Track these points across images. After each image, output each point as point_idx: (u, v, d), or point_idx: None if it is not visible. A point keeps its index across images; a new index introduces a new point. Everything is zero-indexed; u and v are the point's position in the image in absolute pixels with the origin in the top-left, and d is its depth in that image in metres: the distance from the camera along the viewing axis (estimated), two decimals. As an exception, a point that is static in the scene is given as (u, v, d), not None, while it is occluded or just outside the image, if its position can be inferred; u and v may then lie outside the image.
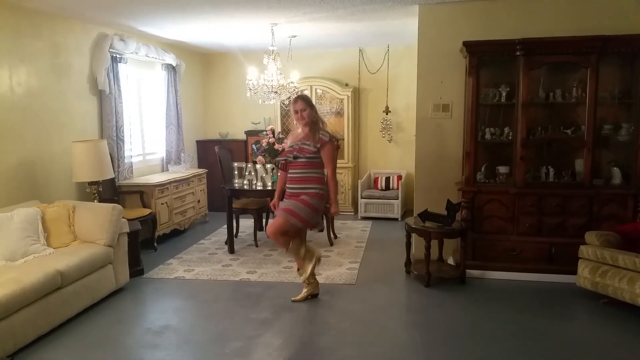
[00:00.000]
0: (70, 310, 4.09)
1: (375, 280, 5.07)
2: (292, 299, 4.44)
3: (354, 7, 5.20)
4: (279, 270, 5.37)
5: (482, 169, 5.11)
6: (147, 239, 6.10)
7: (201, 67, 8.73)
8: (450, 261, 5.33)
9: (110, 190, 5.91)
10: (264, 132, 6.43)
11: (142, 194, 6.20)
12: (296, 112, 4.25)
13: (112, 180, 5.80)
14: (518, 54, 4.74)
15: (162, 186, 6.43)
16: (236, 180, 6.20)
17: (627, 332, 3.86)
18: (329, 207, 4.44)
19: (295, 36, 6.87)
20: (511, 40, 4.71)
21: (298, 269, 4.51)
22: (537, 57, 4.75)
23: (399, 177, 7.90)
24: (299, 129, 4.42)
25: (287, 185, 4.36)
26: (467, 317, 4.21)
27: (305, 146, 4.22)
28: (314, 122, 4.26)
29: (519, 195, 4.90)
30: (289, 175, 4.34)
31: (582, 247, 4.47)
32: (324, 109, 8.21)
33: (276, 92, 6.40)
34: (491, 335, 3.83)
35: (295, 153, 4.25)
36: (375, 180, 8.18)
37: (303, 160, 4.24)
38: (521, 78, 4.78)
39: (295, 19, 5.74)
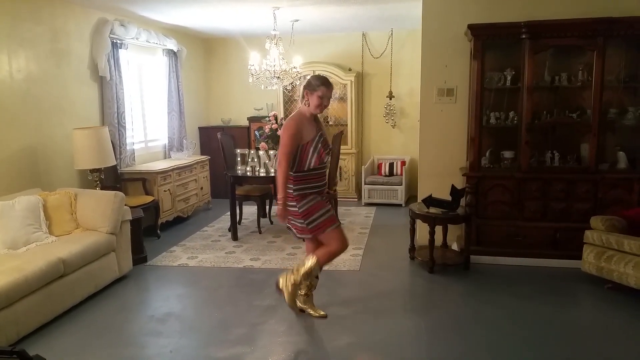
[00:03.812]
0: (73, 298, 4.09)
1: (379, 267, 5.05)
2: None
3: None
4: (283, 257, 5.36)
5: (487, 154, 5.06)
6: (150, 227, 6.09)
7: (203, 52, 8.66)
8: (455, 247, 5.31)
9: (112, 178, 5.88)
10: (267, 118, 6.38)
11: (145, 181, 6.18)
12: (326, 98, 3.64)
13: (114, 167, 5.78)
14: (523, 37, 4.67)
15: (164, 173, 6.41)
16: (239, 167, 6.17)
17: (632, 317, 3.85)
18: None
19: (297, 20, 6.79)
20: (516, 23, 4.64)
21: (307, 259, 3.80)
22: (542, 40, 4.67)
23: (403, 163, 7.86)
24: (305, 120, 3.68)
25: (314, 184, 3.74)
26: (471, 303, 4.20)
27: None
28: None
29: (524, 180, 4.86)
30: (313, 173, 3.72)
31: (587, 232, 4.44)
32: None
33: (278, 77, 6.34)
34: (495, 321, 3.82)
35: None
36: (379, 166, 8.14)
37: None
38: (526, 61, 4.71)
39: (298, 2, 5.66)
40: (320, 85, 3.58)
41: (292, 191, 3.61)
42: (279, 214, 3.65)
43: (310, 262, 3.70)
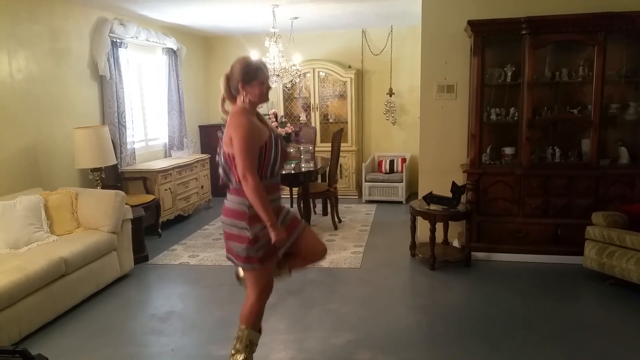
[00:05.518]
0: (75, 298, 4.10)
1: (380, 264, 5.05)
2: None
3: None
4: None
5: (488, 150, 5.06)
6: (151, 225, 6.09)
7: (202, 51, 8.65)
8: (456, 244, 5.31)
9: (113, 177, 5.89)
10: (267, 116, 6.37)
11: (145, 180, 6.18)
12: (268, 82, 2.82)
13: (115, 166, 5.78)
14: (523, 32, 4.65)
15: (165, 172, 6.40)
16: (239, 165, 6.14)
17: (634, 313, 3.84)
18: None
19: (297, 18, 6.78)
20: (516, 18, 4.62)
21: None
22: (542, 35, 4.66)
23: (403, 160, 7.85)
24: (255, 117, 2.82)
25: (275, 196, 2.87)
26: (472, 300, 4.20)
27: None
28: None
29: (525, 177, 4.85)
30: (275, 181, 2.86)
31: (588, 228, 4.43)
32: (326, 92, 8.17)
33: (278, 75, 6.33)
34: (497, 317, 3.81)
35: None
36: (379, 163, 8.13)
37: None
38: (527, 57, 4.69)
39: (297, -1, 5.66)
40: (257, 69, 2.74)
41: (246, 209, 2.70)
42: (280, 239, 2.69)
43: (241, 333, 2.93)
